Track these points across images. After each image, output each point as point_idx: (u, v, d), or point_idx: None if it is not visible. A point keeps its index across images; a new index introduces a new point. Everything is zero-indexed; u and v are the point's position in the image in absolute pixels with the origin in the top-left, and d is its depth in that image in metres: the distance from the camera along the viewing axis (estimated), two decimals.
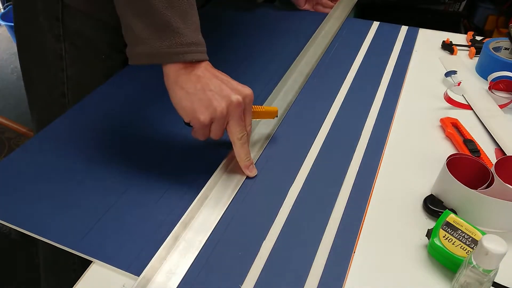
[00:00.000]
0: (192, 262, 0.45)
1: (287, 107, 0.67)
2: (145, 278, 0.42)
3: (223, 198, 0.52)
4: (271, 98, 0.68)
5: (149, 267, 0.43)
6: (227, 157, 0.57)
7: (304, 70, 0.76)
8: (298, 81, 0.73)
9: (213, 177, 0.54)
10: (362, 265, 0.45)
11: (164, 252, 0.45)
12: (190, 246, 0.46)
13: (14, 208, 0.50)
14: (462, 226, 0.44)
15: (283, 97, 0.69)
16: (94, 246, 0.46)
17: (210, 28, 0.90)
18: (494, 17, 1.86)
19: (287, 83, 0.72)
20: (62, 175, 0.55)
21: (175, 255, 0.45)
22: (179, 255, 0.45)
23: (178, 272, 0.44)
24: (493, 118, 0.66)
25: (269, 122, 0.64)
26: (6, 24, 2.20)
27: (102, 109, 0.67)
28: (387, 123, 0.65)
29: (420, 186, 0.54)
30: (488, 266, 0.37)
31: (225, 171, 0.55)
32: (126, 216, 0.50)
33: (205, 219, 0.49)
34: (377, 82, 0.74)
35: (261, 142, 0.60)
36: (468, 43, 0.86)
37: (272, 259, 0.45)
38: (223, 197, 0.52)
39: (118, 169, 0.56)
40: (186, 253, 0.45)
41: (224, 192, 0.53)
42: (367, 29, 0.91)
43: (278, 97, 0.69)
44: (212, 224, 0.49)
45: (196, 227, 0.48)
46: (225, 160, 0.56)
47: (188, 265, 0.44)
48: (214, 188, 0.53)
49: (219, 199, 0.52)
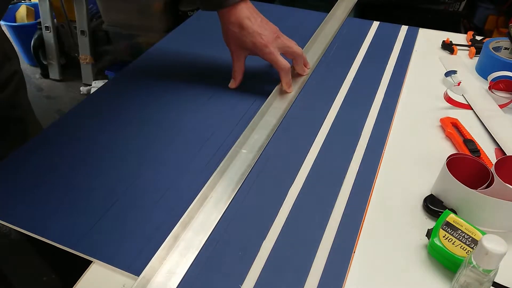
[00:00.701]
0: (192, 262, 0.45)
1: (287, 107, 0.67)
2: (145, 278, 0.42)
3: (223, 198, 0.52)
4: (272, 97, 0.68)
5: (148, 267, 0.43)
6: (226, 157, 0.57)
7: None
8: (298, 81, 0.73)
9: (213, 177, 0.54)
10: (362, 265, 0.45)
11: (164, 252, 0.45)
12: (190, 246, 0.46)
13: (14, 208, 0.50)
14: (462, 226, 0.44)
15: (283, 96, 0.69)
16: (94, 246, 0.46)
17: (210, 27, 0.90)
18: (494, 17, 1.86)
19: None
20: (62, 175, 0.55)
21: (175, 255, 0.45)
22: (179, 255, 0.45)
23: (178, 272, 0.44)
24: (493, 118, 0.66)
25: (268, 123, 0.64)
26: (6, 24, 2.20)
27: (102, 110, 0.67)
28: (387, 123, 0.65)
29: (420, 186, 0.54)
30: (488, 266, 0.37)
31: (224, 171, 0.55)
32: (126, 216, 0.50)
33: (205, 218, 0.49)
34: (377, 82, 0.74)
35: (261, 143, 0.60)
36: (468, 43, 0.86)
37: (272, 259, 0.45)
38: (223, 197, 0.52)
39: (118, 169, 0.56)
40: (186, 253, 0.46)
41: (224, 192, 0.53)
42: (367, 29, 0.91)
43: (278, 97, 0.69)
44: (212, 223, 0.49)
45: (196, 227, 0.48)
46: (224, 160, 0.56)
47: (188, 265, 0.44)
48: (214, 188, 0.53)
49: (219, 199, 0.52)
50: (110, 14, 2.10)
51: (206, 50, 0.83)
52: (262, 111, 0.65)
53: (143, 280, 0.42)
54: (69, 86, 2.22)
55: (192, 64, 0.79)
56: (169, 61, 0.80)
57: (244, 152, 0.58)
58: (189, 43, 0.86)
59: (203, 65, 0.79)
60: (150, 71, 0.77)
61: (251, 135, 0.61)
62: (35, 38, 2.18)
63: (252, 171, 0.56)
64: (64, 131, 0.63)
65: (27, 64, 2.37)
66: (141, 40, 2.12)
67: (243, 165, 0.56)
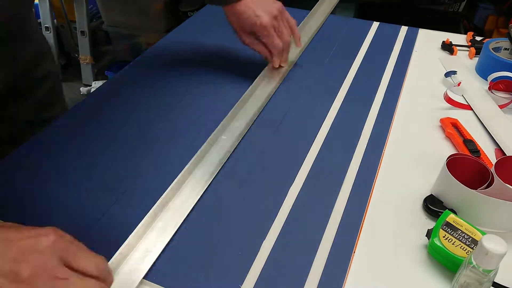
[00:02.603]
0: (168, 241, 0.46)
1: (288, 107, 0.67)
2: (122, 254, 0.44)
3: (201, 181, 0.54)
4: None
5: (125, 245, 0.45)
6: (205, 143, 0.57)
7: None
8: (279, 74, 0.74)
9: (192, 161, 0.54)
10: (362, 265, 0.45)
11: (141, 229, 0.47)
12: (167, 226, 0.48)
13: (14, 208, 0.50)
14: (462, 226, 0.44)
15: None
16: (94, 247, 0.46)
17: (210, 27, 0.90)
18: (494, 17, 1.86)
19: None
20: (62, 174, 0.55)
21: (152, 233, 0.47)
22: (156, 235, 0.47)
23: (154, 251, 0.45)
24: (493, 118, 0.66)
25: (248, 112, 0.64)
26: None
27: (102, 110, 0.67)
28: (387, 123, 0.65)
29: (420, 186, 0.54)
30: (488, 266, 0.37)
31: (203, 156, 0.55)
32: (126, 216, 0.49)
33: (182, 201, 0.51)
34: (377, 82, 0.74)
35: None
36: (468, 43, 0.86)
37: (272, 259, 0.45)
38: (202, 180, 0.54)
39: (118, 169, 0.56)
40: (162, 232, 0.47)
41: (202, 177, 0.54)
42: (367, 29, 0.91)
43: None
44: (190, 205, 0.50)
45: (173, 207, 0.50)
46: (204, 145, 0.56)
47: (164, 244, 0.46)
48: (192, 172, 0.55)
49: (197, 182, 0.54)
50: (110, 14, 2.10)
51: (206, 50, 0.83)
52: (243, 100, 0.67)
53: (119, 256, 0.43)
54: (69, 86, 2.22)
55: (192, 64, 0.79)
56: (168, 61, 0.80)
57: (223, 138, 0.60)
58: (189, 43, 0.86)
59: (203, 64, 0.79)
60: (150, 71, 0.77)
61: (232, 123, 0.63)
62: None
63: (252, 170, 0.56)
64: (64, 131, 0.63)
65: None
66: (141, 40, 2.12)
67: (222, 150, 0.58)
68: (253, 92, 0.69)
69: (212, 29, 0.89)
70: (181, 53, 0.83)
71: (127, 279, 0.42)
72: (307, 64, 0.79)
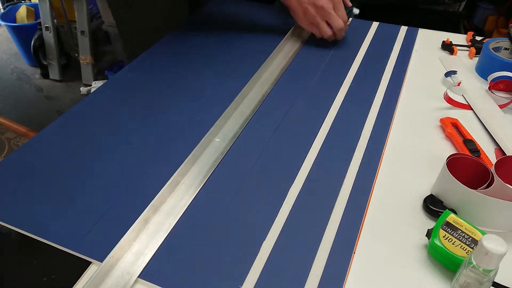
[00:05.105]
0: (160, 244, 0.46)
1: (288, 107, 0.67)
2: (113, 257, 0.44)
3: (194, 184, 0.54)
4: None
5: (118, 247, 0.45)
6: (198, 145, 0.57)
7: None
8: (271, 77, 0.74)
9: (185, 163, 0.54)
10: (362, 265, 0.45)
11: (133, 234, 0.47)
12: (159, 229, 0.48)
13: (14, 209, 0.50)
14: (462, 226, 0.44)
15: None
16: (93, 247, 0.46)
17: (210, 27, 0.90)
18: (494, 17, 1.86)
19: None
20: (61, 175, 0.55)
21: (144, 237, 0.47)
22: (148, 237, 0.47)
23: (146, 253, 0.45)
24: (493, 118, 0.66)
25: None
26: (6, 24, 2.20)
27: (102, 110, 0.67)
28: (387, 123, 0.65)
29: (420, 186, 0.54)
30: (488, 266, 0.37)
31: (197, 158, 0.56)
32: (126, 216, 0.49)
33: (175, 203, 0.51)
34: (377, 82, 0.74)
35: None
36: (468, 43, 0.86)
37: (272, 259, 0.45)
38: (195, 182, 0.54)
39: (118, 169, 0.56)
40: (155, 235, 0.47)
41: (196, 178, 0.54)
42: (367, 29, 0.91)
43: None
44: (182, 208, 0.50)
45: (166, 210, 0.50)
46: (196, 150, 0.56)
47: (156, 247, 0.46)
48: (186, 174, 0.55)
49: (191, 184, 0.54)
50: (110, 15, 2.09)
51: (205, 50, 0.83)
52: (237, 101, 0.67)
53: (111, 259, 0.44)
54: (69, 86, 2.22)
55: (192, 64, 0.79)
56: (168, 61, 0.80)
57: (217, 141, 0.60)
58: (189, 43, 0.86)
59: (203, 64, 0.79)
60: (150, 71, 0.77)
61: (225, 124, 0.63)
62: (35, 38, 2.18)
63: (252, 170, 0.56)
64: (63, 131, 0.63)
65: (27, 65, 2.37)
66: None
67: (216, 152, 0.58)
68: (248, 91, 0.69)
69: (213, 29, 0.90)
70: (181, 53, 0.83)
71: (119, 281, 0.43)
72: (306, 64, 0.79)
